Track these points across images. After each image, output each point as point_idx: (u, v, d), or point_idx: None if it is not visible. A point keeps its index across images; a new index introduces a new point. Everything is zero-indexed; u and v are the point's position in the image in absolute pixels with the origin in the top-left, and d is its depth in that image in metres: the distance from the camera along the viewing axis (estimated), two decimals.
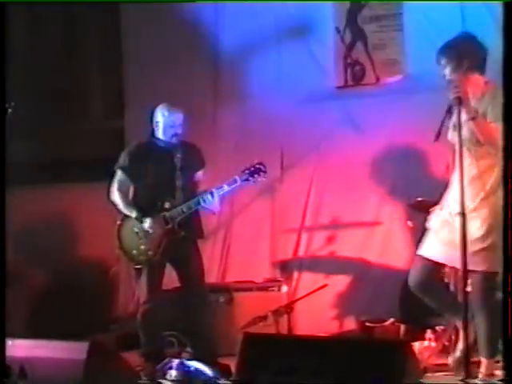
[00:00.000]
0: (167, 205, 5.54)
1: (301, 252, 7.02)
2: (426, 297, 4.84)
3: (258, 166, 5.51)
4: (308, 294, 6.37)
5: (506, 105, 4.31)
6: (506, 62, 4.30)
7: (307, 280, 6.84)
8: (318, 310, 6.64)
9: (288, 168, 7.02)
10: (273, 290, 6.49)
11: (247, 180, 5.51)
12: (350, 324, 6.69)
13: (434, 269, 4.81)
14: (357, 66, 6.97)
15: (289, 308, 6.20)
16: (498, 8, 6.23)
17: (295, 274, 6.95)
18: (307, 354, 3.88)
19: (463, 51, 4.60)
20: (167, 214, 5.52)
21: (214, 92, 7.31)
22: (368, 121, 6.77)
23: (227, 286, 6.56)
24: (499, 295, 4.55)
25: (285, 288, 6.50)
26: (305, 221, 7.01)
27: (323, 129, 6.90)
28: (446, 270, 5.20)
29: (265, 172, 5.53)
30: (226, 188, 5.52)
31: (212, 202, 5.50)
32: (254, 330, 5.86)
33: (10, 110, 4.79)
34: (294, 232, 7.03)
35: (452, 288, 5.34)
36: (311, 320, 6.55)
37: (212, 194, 5.49)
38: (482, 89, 4.60)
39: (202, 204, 5.51)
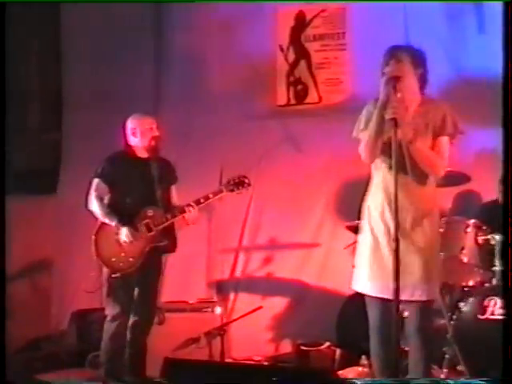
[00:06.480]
0: (150, 212, 5.46)
1: (238, 272, 6.90)
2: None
3: (242, 178, 5.60)
4: (242, 316, 6.25)
5: (506, 106, 4.19)
6: (506, 62, 4.22)
7: (243, 301, 6.73)
8: (254, 333, 6.51)
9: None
10: (206, 311, 6.32)
11: (232, 191, 5.58)
12: (286, 347, 6.58)
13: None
14: (299, 84, 6.90)
15: (222, 330, 6.04)
16: (441, 25, 6.29)
17: (231, 295, 6.85)
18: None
19: (416, 58, 4.32)
20: (150, 221, 5.44)
21: (154, 108, 7.13)
22: (309, 140, 6.72)
23: (159, 307, 6.37)
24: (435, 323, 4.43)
25: (218, 309, 6.33)
26: (242, 240, 6.91)
27: (263, 147, 6.82)
28: None
29: (249, 185, 5.62)
30: (211, 197, 5.54)
31: (195, 211, 5.46)
32: (186, 352, 5.71)
33: None
34: (232, 252, 6.92)
35: None
36: (246, 342, 6.43)
37: (198, 202, 5.48)
38: (425, 104, 4.37)
39: (186, 213, 5.45)
